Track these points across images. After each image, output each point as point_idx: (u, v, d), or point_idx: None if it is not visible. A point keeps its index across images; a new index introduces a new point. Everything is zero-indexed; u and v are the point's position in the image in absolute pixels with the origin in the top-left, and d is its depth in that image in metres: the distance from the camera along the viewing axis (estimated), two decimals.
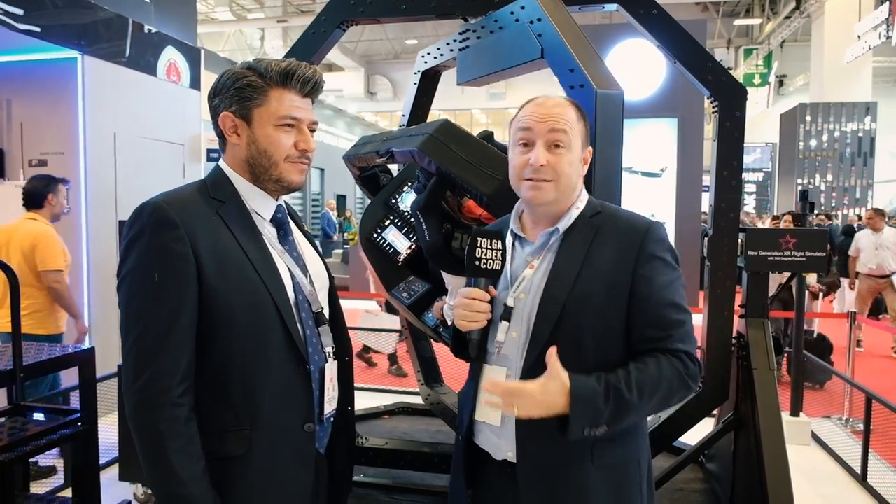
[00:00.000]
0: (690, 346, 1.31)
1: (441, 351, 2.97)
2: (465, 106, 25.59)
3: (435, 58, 3.01)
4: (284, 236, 1.36)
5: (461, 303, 1.36)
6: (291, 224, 1.41)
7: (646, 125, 9.50)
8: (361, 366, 6.24)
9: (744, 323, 2.80)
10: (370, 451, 2.94)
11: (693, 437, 2.86)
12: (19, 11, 4.00)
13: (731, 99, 2.67)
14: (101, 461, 2.94)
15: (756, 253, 2.74)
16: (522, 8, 2.23)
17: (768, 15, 20.02)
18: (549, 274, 1.35)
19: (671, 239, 2.27)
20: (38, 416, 2.51)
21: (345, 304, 1.54)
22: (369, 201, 2.89)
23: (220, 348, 1.22)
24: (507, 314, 1.36)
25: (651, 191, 9.41)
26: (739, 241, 2.74)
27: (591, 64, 2.06)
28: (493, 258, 1.36)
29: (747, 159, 21.29)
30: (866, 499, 3.58)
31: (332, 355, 1.37)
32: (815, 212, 13.25)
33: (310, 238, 1.47)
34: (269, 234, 1.33)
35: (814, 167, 16.62)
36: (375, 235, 2.71)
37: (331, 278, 1.46)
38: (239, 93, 1.27)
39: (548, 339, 1.30)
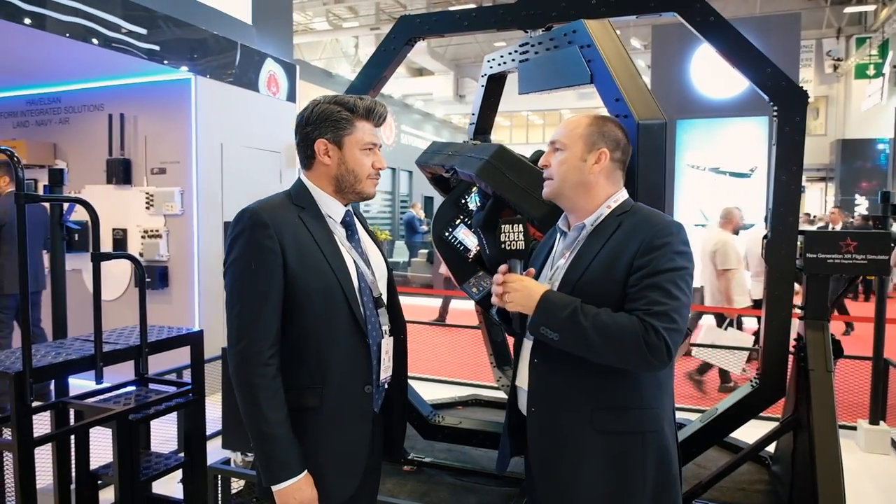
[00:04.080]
0: (662, 324, 1.40)
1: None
2: (553, 106, 25.49)
3: (499, 64, 3.22)
4: (352, 235, 1.67)
5: (497, 281, 1.58)
6: (357, 224, 1.72)
7: (734, 124, 9.24)
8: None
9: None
10: (446, 429, 3.20)
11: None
12: (143, 31, 4.63)
13: (790, 103, 2.70)
14: (208, 432, 3.38)
15: (815, 255, 2.76)
16: (574, 31, 2.40)
17: (883, 0, 18.56)
18: (570, 263, 1.58)
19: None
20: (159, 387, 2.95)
21: (429, 301, 1.86)
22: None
23: (300, 322, 1.53)
24: None
25: (740, 192, 9.13)
26: (799, 243, 2.77)
27: (635, 94, 2.22)
28: (516, 239, 1.60)
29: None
30: None
31: (387, 332, 1.67)
32: None
33: (373, 236, 1.78)
34: (340, 233, 1.64)
35: None
36: (447, 234, 2.97)
37: (389, 270, 1.76)
38: (335, 124, 1.61)
39: None
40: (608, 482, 1.51)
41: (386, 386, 1.70)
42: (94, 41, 4.27)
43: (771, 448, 3.22)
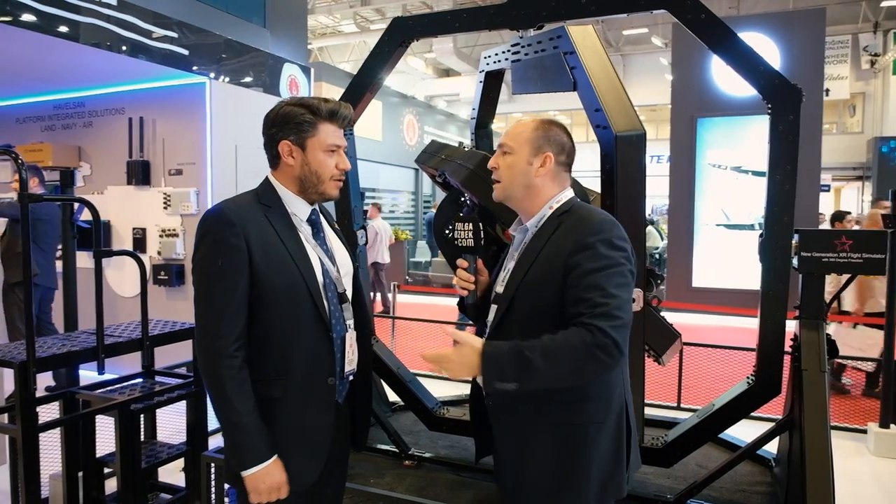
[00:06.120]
0: (607, 323, 1.42)
1: None
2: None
3: (495, 62, 3.27)
4: (317, 233, 1.73)
5: (458, 273, 1.72)
6: (324, 223, 1.77)
7: (757, 122, 9.07)
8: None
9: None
10: (450, 420, 3.25)
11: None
12: (175, 35, 4.87)
13: (784, 102, 2.68)
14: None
15: (809, 254, 2.74)
16: (559, 37, 2.43)
17: None
18: (515, 265, 1.64)
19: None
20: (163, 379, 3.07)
21: (450, 300, 1.95)
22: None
23: (266, 316, 1.59)
24: (497, 299, 1.67)
25: (763, 191, 8.98)
26: (794, 242, 2.75)
27: (615, 105, 2.24)
28: (466, 237, 1.71)
29: None
30: None
31: (351, 327, 1.72)
32: None
33: (339, 234, 1.84)
34: (306, 231, 1.70)
35: None
36: (448, 231, 3.03)
37: (355, 267, 1.81)
38: (297, 126, 1.65)
39: (503, 316, 1.59)
40: (558, 474, 1.57)
41: (350, 378, 1.76)
42: (123, 48, 4.48)
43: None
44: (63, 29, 4.11)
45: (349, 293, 1.74)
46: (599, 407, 1.58)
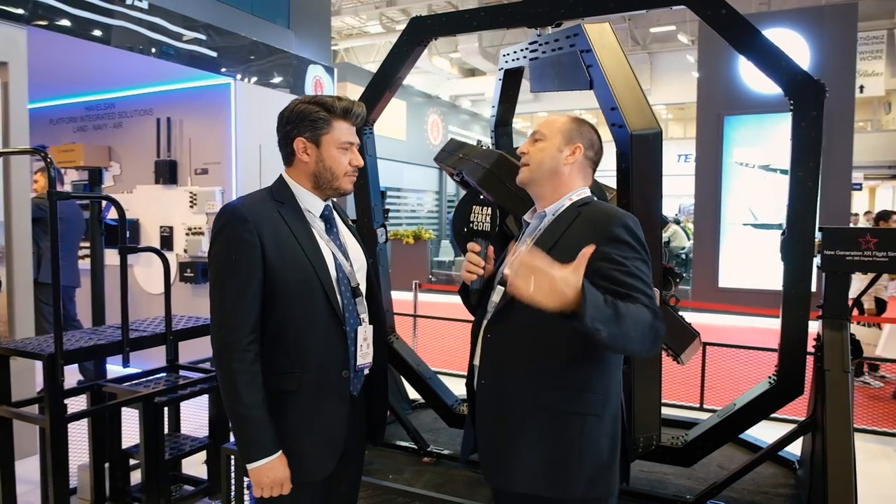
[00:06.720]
0: (656, 309, 1.44)
1: None
2: None
3: (514, 59, 3.28)
4: (330, 229, 1.76)
5: (467, 257, 1.70)
6: (337, 219, 1.81)
7: (785, 120, 8.91)
8: None
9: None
10: (464, 417, 3.28)
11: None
12: (204, 37, 4.99)
13: (807, 98, 2.64)
14: None
15: (833, 252, 2.69)
16: (575, 35, 2.42)
17: None
18: (530, 249, 1.58)
19: None
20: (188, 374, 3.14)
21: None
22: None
23: (279, 310, 1.62)
24: (503, 281, 1.62)
25: None
26: (816, 240, 2.70)
27: (631, 103, 2.22)
28: (483, 221, 1.72)
29: None
30: None
31: (366, 321, 1.75)
32: None
33: (352, 230, 1.86)
34: (319, 227, 1.73)
35: None
36: (467, 230, 3.05)
37: (369, 262, 1.83)
38: (312, 124, 1.69)
39: (512, 298, 1.50)
40: (545, 460, 1.55)
41: (366, 372, 1.78)
42: (153, 50, 4.60)
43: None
44: (96, 32, 4.24)
45: (363, 288, 1.77)
46: (599, 399, 1.57)
